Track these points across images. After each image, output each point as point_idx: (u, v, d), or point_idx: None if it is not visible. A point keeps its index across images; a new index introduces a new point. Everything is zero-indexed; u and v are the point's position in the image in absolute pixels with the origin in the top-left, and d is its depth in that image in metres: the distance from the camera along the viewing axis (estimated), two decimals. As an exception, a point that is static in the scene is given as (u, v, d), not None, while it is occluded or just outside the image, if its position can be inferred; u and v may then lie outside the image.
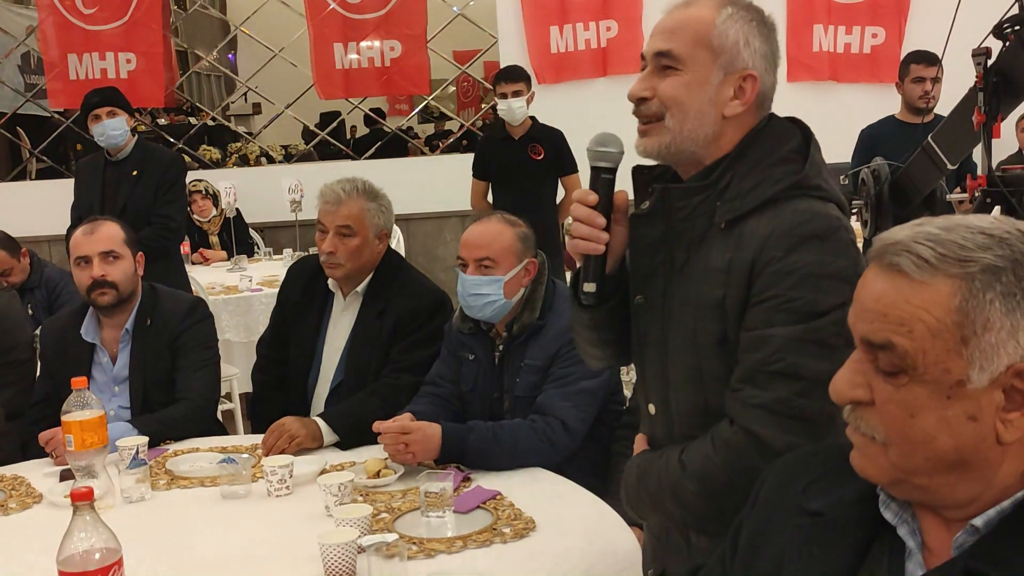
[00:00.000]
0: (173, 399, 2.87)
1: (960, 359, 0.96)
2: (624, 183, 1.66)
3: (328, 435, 2.58)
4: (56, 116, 7.23)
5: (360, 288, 2.92)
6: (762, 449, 1.48)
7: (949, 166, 3.11)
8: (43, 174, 7.56)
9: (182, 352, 2.92)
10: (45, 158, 7.40)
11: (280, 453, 2.48)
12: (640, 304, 1.66)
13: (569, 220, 5.45)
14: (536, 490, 2.23)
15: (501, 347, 2.60)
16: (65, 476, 2.42)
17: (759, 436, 1.49)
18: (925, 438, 0.98)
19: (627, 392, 2.73)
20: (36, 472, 2.53)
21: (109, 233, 2.91)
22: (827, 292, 1.48)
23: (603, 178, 1.62)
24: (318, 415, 2.62)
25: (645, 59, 1.61)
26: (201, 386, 2.91)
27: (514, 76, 4.98)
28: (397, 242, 5.93)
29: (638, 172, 1.69)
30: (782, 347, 1.48)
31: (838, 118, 4.95)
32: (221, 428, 3.12)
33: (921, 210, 3.36)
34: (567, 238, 1.69)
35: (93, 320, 2.94)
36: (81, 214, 4.32)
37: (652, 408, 1.70)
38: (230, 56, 10.63)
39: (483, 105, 9.76)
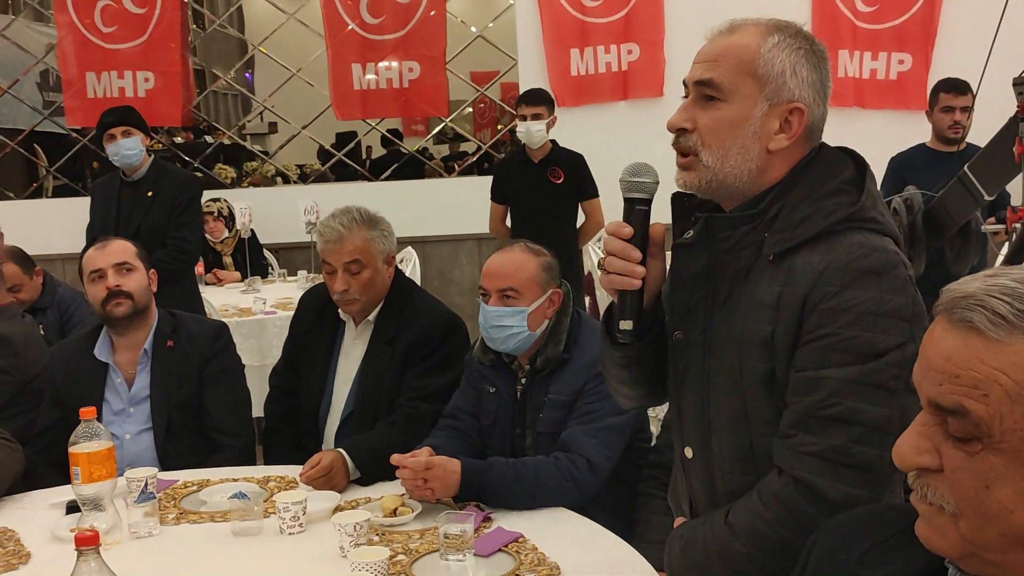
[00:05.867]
0: (198, 422, 2.85)
1: None
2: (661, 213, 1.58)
3: (352, 471, 2.50)
4: (73, 134, 7.21)
5: (372, 316, 2.85)
6: (817, 501, 1.39)
7: (986, 197, 3.03)
8: (59, 191, 7.53)
9: (213, 381, 2.89)
10: (61, 176, 7.38)
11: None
12: (679, 340, 1.58)
13: (590, 244, 5.40)
14: (560, 532, 2.14)
15: (523, 380, 2.51)
16: (71, 508, 2.34)
17: (813, 487, 1.40)
18: (1001, 511, 0.89)
19: (654, 429, 2.63)
20: (35, 515, 2.40)
21: (122, 247, 2.93)
22: (885, 332, 1.39)
23: (638, 210, 1.54)
24: (342, 447, 2.53)
25: (687, 87, 1.53)
26: (243, 427, 2.92)
27: (536, 99, 4.92)
28: (412, 265, 5.85)
29: (677, 200, 1.60)
30: (837, 390, 1.39)
31: (863, 145, 4.79)
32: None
33: (956, 241, 3.28)
34: (600, 273, 1.60)
35: (106, 342, 2.90)
36: (96, 235, 4.26)
37: (689, 452, 1.61)
38: (247, 75, 10.63)
39: (499, 127, 9.71)
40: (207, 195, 6.13)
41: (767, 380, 1.47)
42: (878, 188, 1.54)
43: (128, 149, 4.48)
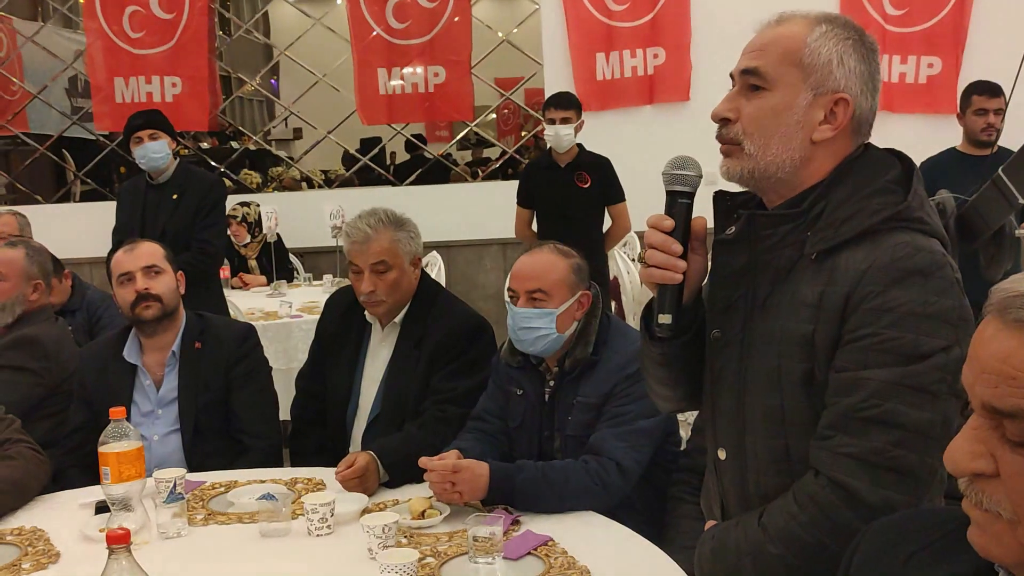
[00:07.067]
0: (225, 423, 2.85)
1: None
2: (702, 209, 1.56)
3: (381, 474, 2.48)
4: (101, 139, 7.27)
5: (398, 318, 2.84)
6: (854, 504, 1.36)
7: (1021, 200, 2.98)
8: (87, 196, 7.60)
9: (241, 383, 2.89)
10: (89, 180, 7.44)
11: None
12: (717, 339, 1.56)
13: (616, 249, 5.38)
14: (589, 536, 2.12)
15: (552, 383, 2.49)
16: (101, 508, 2.35)
17: (851, 489, 1.37)
18: None
19: (684, 433, 2.60)
20: (65, 515, 2.41)
21: (150, 249, 2.93)
22: (929, 334, 1.36)
23: (680, 203, 1.53)
24: (371, 450, 2.52)
25: (734, 78, 1.52)
26: (270, 429, 2.90)
27: (564, 103, 4.90)
28: (437, 270, 5.85)
29: (720, 197, 1.59)
30: (878, 391, 1.36)
31: (893, 149, 4.82)
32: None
33: (989, 245, 3.23)
34: (640, 266, 1.58)
35: (135, 344, 2.90)
36: (122, 238, 4.28)
37: (722, 453, 1.59)
38: (272, 81, 10.69)
39: (523, 133, 9.70)
40: (237, 199, 6.17)
41: (806, 380, 1.45)
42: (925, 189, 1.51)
43: (155, 152, 4.51)
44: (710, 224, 1.57)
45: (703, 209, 1.57)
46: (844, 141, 1.50)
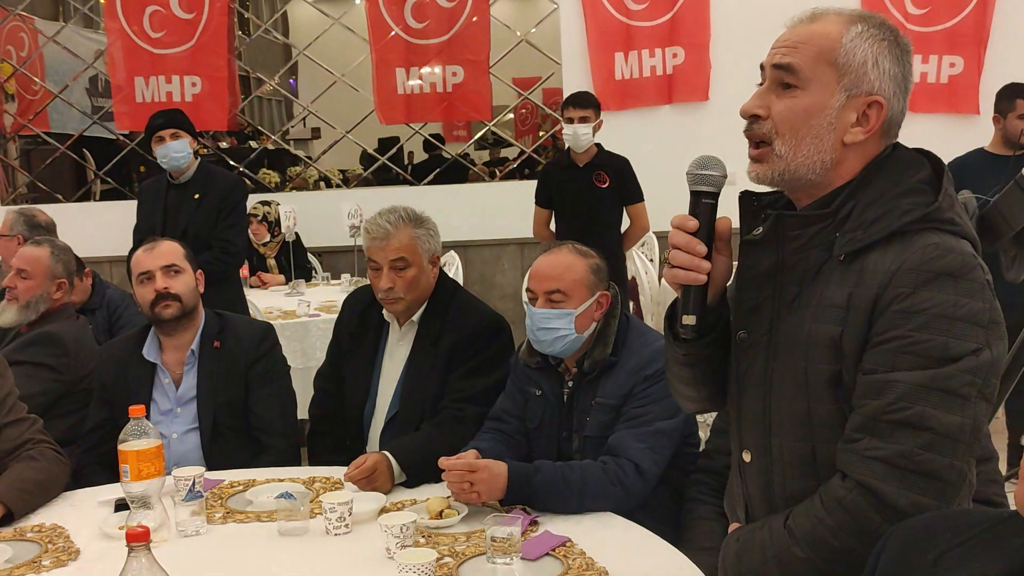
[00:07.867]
0: (244, 422, 2.86)
1: None
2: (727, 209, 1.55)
3: (397, 474, 2.49)
4: (121, 138, 7.31)
5: (416, 317, 2.84)
6: (882, 508, 1.35)
7: (1044, 201, 2.95)
8: (106, 195, 7.64)
9: (259, 382, 2.90)
10: (109, 180, 7.48)
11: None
12: (743, 340, 1.54)
13: (634, 249, 5.36)
14: (607, 537, 2.11)
15: (571, 383, 2.49)
16: (120, 506, 2.36)
17: (879, 492, 1.36)
18: None
19: (702, 434, 2.59)
20: (84, 512, 2.42)
21: (170, 248, 2.94)
22: (960, 336, 1.35)
23: (704, 203, 1.51)
24: (387, 450, 2.52)
25: (763, 70, 1.50)
26: (287, 427, 2.91)
27: (583, 102, 4.89)
28: (455, 269, 5.85)
29: (746, 198, 1.57)
30: (907, 394, 1.35)
31: (913, 149, 4.78)
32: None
33: (1011, 247, 3.20)
34: (665, 267, 1.58)
35: (154, 342, 2.92)
36: (142, 236, 4.30)
37: (747, 455, 1.58)
38: (291, 80, 10.71)
39: (541, 132, 9.69)
40: (257, 199, 6.19)
41: (833, 383, 1.44)
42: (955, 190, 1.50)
43: (176, 152, 4.53)
44: (735, 224, 1.56)
45: (726, 209, 1.56)
46: (874, 142, 1.48)
